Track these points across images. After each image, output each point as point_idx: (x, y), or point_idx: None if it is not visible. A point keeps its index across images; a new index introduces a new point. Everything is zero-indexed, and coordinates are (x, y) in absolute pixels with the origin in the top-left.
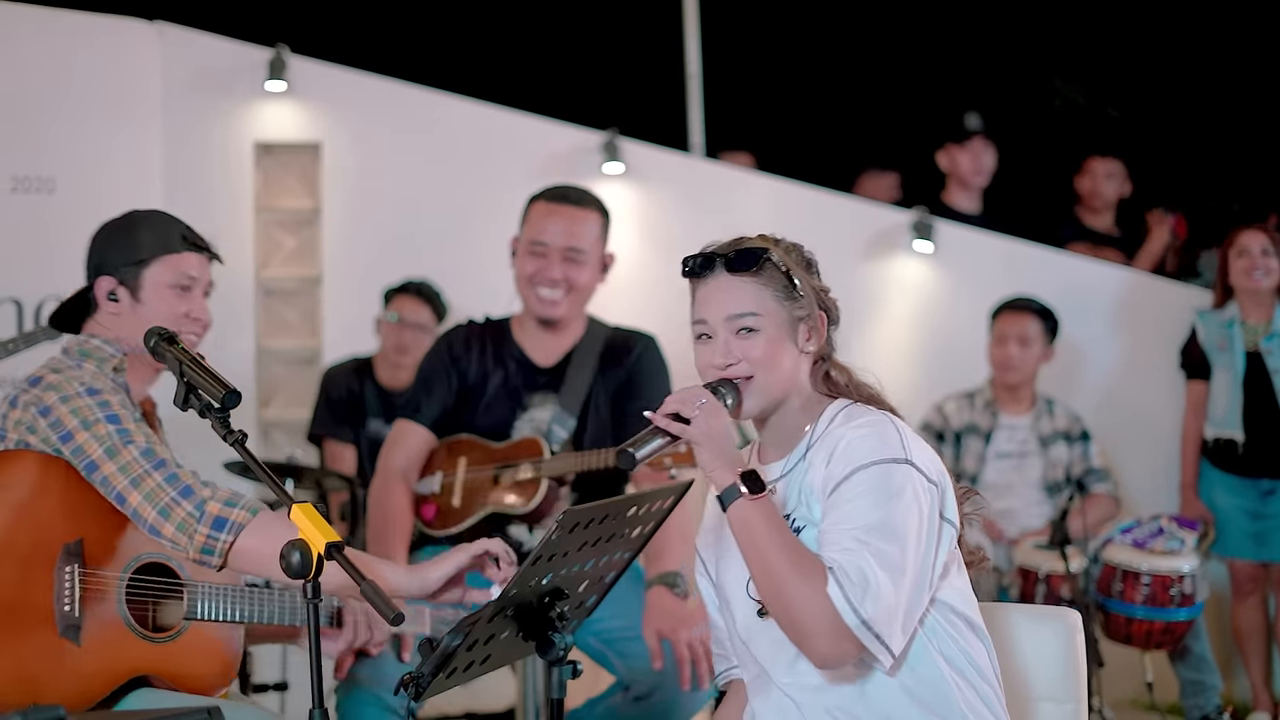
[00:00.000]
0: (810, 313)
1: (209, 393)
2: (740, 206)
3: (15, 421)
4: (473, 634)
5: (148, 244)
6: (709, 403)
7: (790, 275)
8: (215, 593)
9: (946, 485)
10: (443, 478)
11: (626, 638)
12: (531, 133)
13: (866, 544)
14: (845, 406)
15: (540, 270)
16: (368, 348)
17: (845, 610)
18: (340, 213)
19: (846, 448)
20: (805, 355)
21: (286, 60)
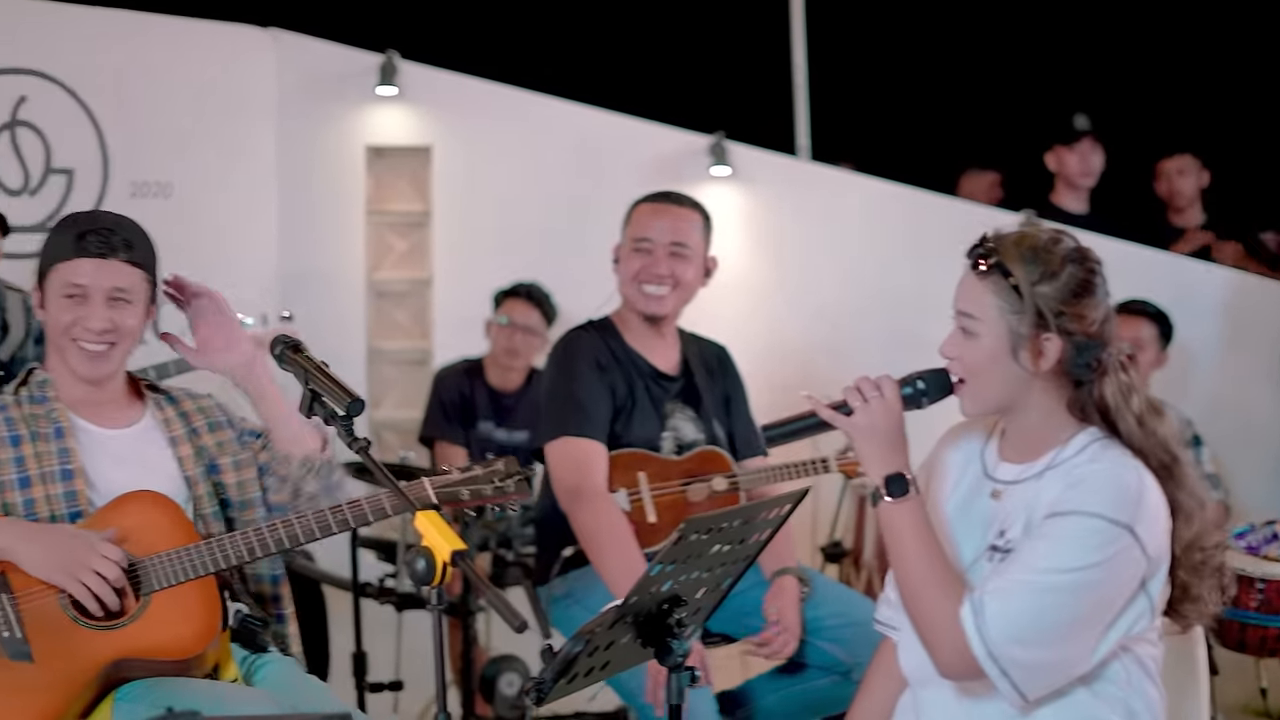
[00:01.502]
0: (1033, 334)
1: (334, 400)
2: (846, 209)
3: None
4: (593, 640)
5: (46, 253)
6: (883, 395)
7: (1018, 289)
8: (165, 560)
9: (1162, 559)
10: (628, 494)
11: (838, 625)
12: (639, 136)
13: (1037, 587)
14: (1100, 439)
15: (646, 266)
16: (478, 349)
17: (974, 639)
18: (450, 215)
19: (1083, 485)
20: (1035, 375)
21: (397, 65)
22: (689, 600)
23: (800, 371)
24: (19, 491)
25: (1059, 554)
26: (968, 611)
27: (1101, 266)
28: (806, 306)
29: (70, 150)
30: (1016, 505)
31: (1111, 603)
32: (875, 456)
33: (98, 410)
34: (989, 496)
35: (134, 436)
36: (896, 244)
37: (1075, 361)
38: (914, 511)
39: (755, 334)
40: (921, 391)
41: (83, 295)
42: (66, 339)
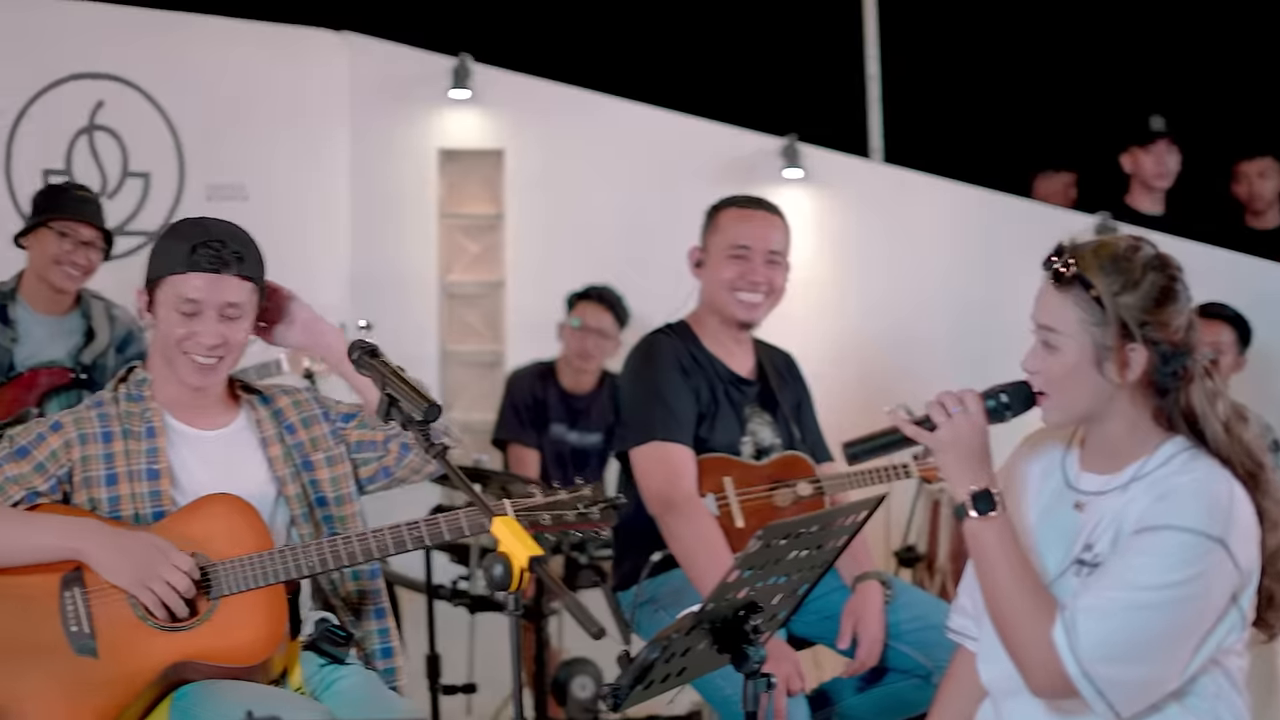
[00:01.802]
0: (1118, 345)
1: (411, 406)
2: (920, 211)
3: None
4: (670, 647)
5: (158, 261)
6: (966, 410)
7: (1100, 301)
8: (237, 566)
9: (1254, 571)
10: (716, 499)
11: (918, 629)
12: (711, 138)
13: (1131, 604)
14: (1187, 449)
15: (743, 274)
16: (550, 352)
17: (1067, 658)
18: (523, 218)
19: (1173, 498)
20: (1119, 387)
21: (470, 68)
22: (765, 606)
23: (872, 374)
24: (105, 488)
25: (1152, 570)
26: (1060, 631)
27: (1182, 272)
28: (878, 309)
29: (147, 154)
30: (1103, 517)
31: (1205, 617)
32: (961, 472)
33: (193, 411)
34: (1072, 508)
35: (226, 438)
36: (970, 247)
37: (1161, 370)
38: (1002, 528)
39: (826, 337)
40: (1005, 405)
41: (195, 310)
42: (177, 350)
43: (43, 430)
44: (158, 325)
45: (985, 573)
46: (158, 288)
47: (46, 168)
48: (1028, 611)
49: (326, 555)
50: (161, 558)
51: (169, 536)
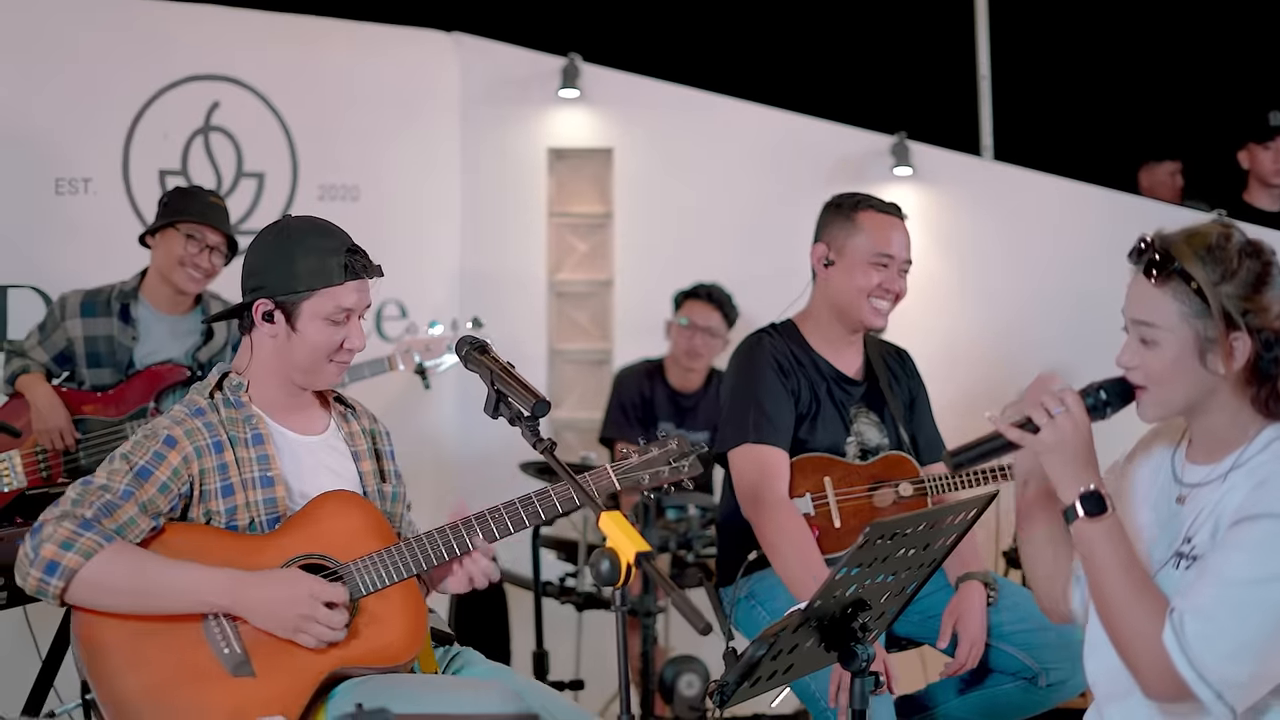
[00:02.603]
0: (1223, 335)
1: (519, 401)
2: (1030, 209)
3: None
4: (777, 644)
5: (306, 276)
6: (1068, 410)
7: (1202, 293)
8: (369, 565)
9: None
10: (813, 499)
11: (1028, 630)
12: (821, 136)
13: (1237, 600)
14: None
15: (884, 282)
16: (658, 350)
17: (1180, 661)
18: (631, 217)
19: (1268, 485)
20: (1222, 377)
21: (579, 68)
22: (873, 605)
23: (985, 372)
24: (222, 499)
25: (1254, 563)
26: (1170, 634)
27: (1276, 256)
28: (990, 307)
29: (261, 154)
30: (1203, 508)
31: None
32: (1067, 474)
33: (291, 416)
34: (1175, 501)
35: (323, 443)
36: (1082, 244)
37: (1265, 357)
38: (1112, 529)
39: (937, 335)
40: (1105, 402)
41: (348, 318)
42: (324, 359)
43: (158, 448)
44: (302, 338)
45: (1094, 575)
46: (307, 301)
47: (163, 168)
48: (1138, 615)
49: (451, 540)
50: (311, 601)
51: (295, 541)
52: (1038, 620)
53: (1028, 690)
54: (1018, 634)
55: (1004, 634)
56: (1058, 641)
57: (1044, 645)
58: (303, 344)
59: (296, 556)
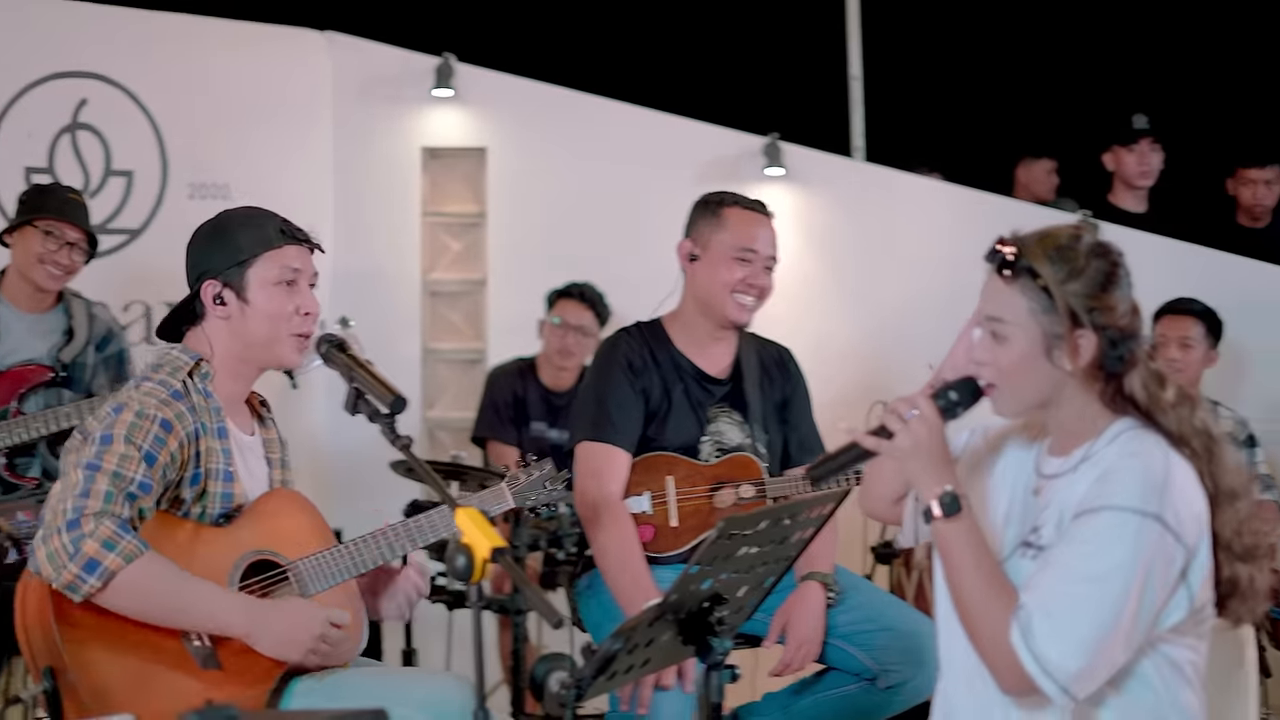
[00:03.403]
0: (1068, 332)
1: (377, 398)
2: (901, 210)
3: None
4: (633, 638)
5: (247, 243)
6: (921, 414)
7: (1049, 290)
8: (315, 564)
9: (1200, 545)
10: (652, 497)
11: (868, 630)
12: (694, 137)
13: (1078, 595)
14: (1130, 428)
15: (747, 277)
16: (532, 350)
17: (1026, 658)
18: (505, 217)
19: (1110, 478)
20: (1069, 373)
21: (453, 67)
22: (730, 599)
23: (854, 372)
24: (190, 488)
25: (1094, 556)
26: (1016, 633)
27: (1123, 258)
28: (861, 307)
29: (129, 152)
30: (1052, 500)
31: (1155, 596)
32: (924, 476)
33: (236, 413)
34: (1032, 493)
35: (256, 445)
36: (952, 244)
37: (1109, 355)
38: (968, 529)
39: (809, 334)
40: (956, 402)
41: (295, 281)
42: (283, 330)
43: (157, 431)
44: (253, 311)
45: (950, 572)
46: (249, 271)
47: (29, 166)
48: (990, 613)
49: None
50: (324, 624)
51: (247, 537)
52: (880, 622)
53: (869, 692)
54: (859, 634)
55: (844, 633)
56: (898, 643)
57: (884, 646)
58: (257, 314)
59: (249, 552)
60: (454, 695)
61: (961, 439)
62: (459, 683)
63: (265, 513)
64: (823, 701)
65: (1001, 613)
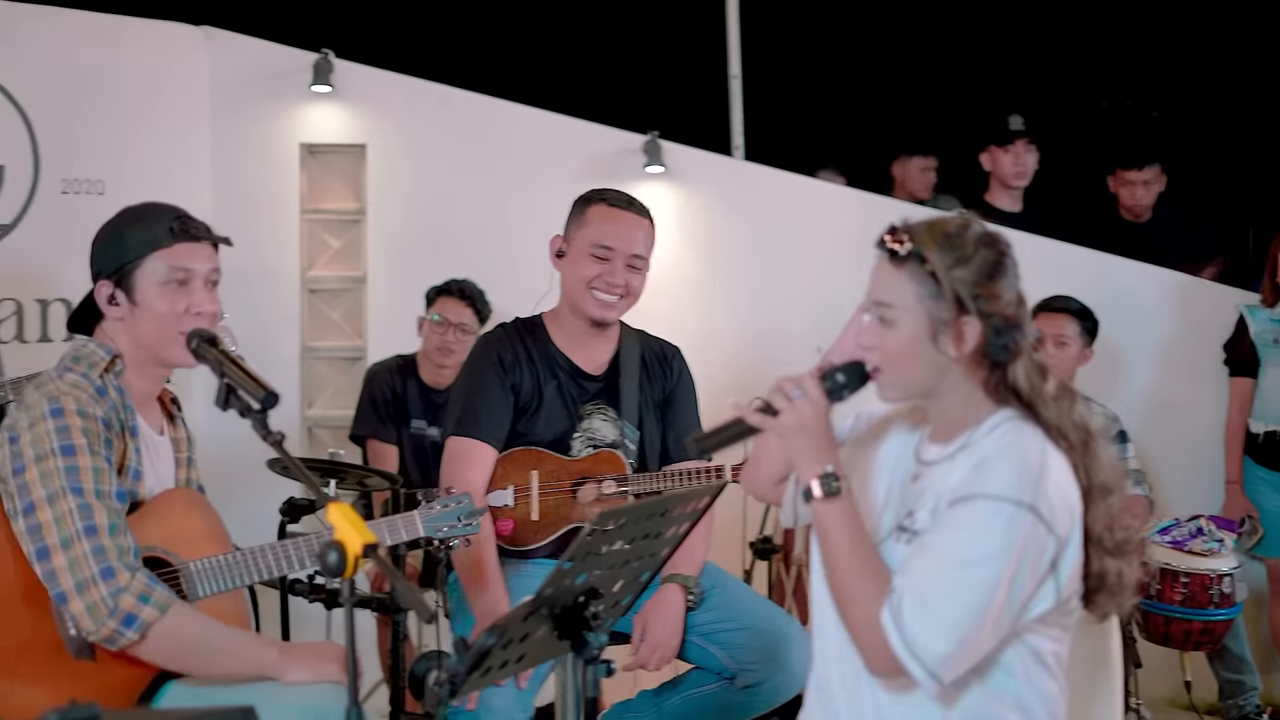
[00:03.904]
0: (953, 318)
1: (249, 393)
2: (780, 207)
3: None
4: (507, 632)
5: (134, 243)
6: (806, 393)
7: (936, 276)
8: (210, 567)
9: (1071, 537)
10: (515, 491)
11: (727, 630)
12: (574, 135)
13: (949, 580)
14: (1010, 419)
15: (603, 274)
16: (412, 348)
17: (895, 640)
18: (385, 214)
19: (985, 467)
20: (955, 360)
21: (331, 63)
22: (606, 593)
23: (735, 367)
24: (113, 483)
25: (967, 543)
26: (887, 615)
27: (1011, 249)
28: (740, 303)
29: (1, 147)
30: (930, 485)
31: (1025, 585)
32: (806, 455)
33: (147, 411)
34: (911, 480)
35: (165, 444)
36: (831, 242)
37: (993, 343)
38: (846, 510)
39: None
40: (842, 384)
41: (187, 280)
42: (174, 331)
43: (103, 432)
44: (143, 310)
45: (827, 552)
46: (139, 269)
47: None
48: (864, 594)
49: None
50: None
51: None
52: (739, 621)
53: (728, 691)
54: (718, 633)
55: (705, 632)
56: (755, 643)
57: (741, 645)
58: (147, 316)
59: (139, 548)
60: (330, 701)
61: (846, 423)
62: (335, 688)
63: (161, 512)
64: (689, 700)
65: (874, 594)
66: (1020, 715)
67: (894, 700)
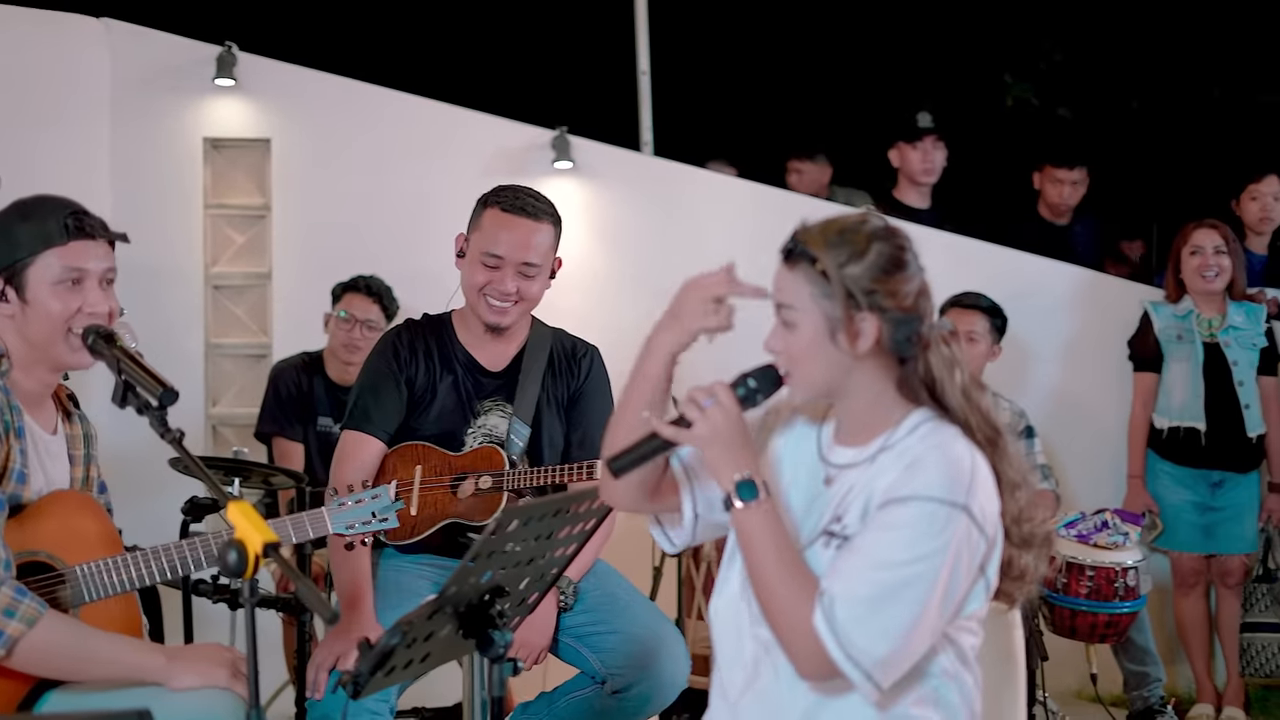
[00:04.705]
0: (846, 315)
1: (147, 390)
2: (690, 203)
3: None
4: (411, 632)
5: (26, 239)
6: (719, 402)
7: (826, 274)
8: (96, 571)
9: (997, 537)
10: (397, 486)
11: (599, 633)
12: (482, 130)
13: (885, 582)
14: (929, 419)
15: (492, 282)
16: (317, 345)
17: (830, 643)
18: (290, 209)
19: (917, 468)
20: (858, 358)
21: (236, 56)
22: (512, 591)
23: None
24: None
25: (900, 544)
26: (820, 617)
27: (910, 242)
28: (651, 299)
29: None
30: (853, 489)
31: (959, 585)
32: (722, 463)
33: (39, 410)
34: (823, 483)
35: (59, 443)
36: (739, 238)
37: (895, 338)
38: (767, 514)
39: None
40: (754, 390)
41: (81, 279)
42: (63, 330)
43: None
44: (34, 309)
45: (750, 558)
46: (30, 269)
47: None
48: (791, 597)
49: (175, 560)
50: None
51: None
52: (612, 625)
53: (599, 695)
54: (591, 636)
55: (579, 634)
56: (625, 648)
57: (612, 650)
58: (36, 315)
59: (22, 553)
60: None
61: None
62: (224, 694)
63: (48, 514)
64: (572, 703)
65: (803, 597)
66: (943, 712)
67: (824, 704)
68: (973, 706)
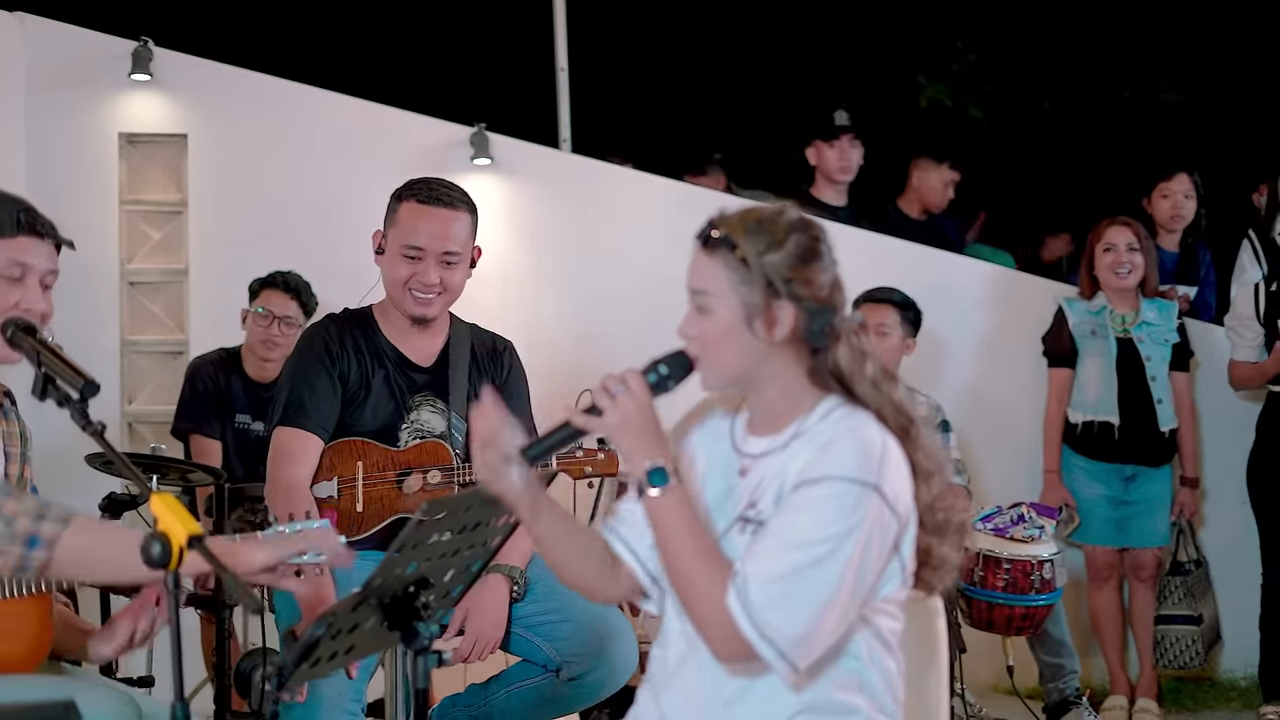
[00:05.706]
0: (765, 302)
1: (68, 383)
2: (608, 201)
3: None
4: (335, 623)
5: None
6: (629, 389)
7: (747, 261)
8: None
9: (910, 518)
10: (339, 482)
11: (551, 622)
12: (400, 127)
13: (798, 561)
14: (840, 405)
15: (415, 275)
16: (235, 341)
17: (743, 623)
18: (207, 205)
19: (829, 449)
20: (773, 346)
21: (152, 51)
22: (436, 583)
23: (563, 359)
24: None
25: (813, 524)
26: (733, 597)
27: (825, 234)
28: (568, 296)
29: None
30: (767, 476)
31: (872, 565)
32: (633, 451)
33: None
34: (737, 474)
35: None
36: (655, 233)
37: (810, 328)
38: (678, 500)
39: (517, 323)
40: (666, 376)
41: (22, 277)
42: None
43: None
44: None
45: (664, 544)
46: None
47: None
48: (704, 580)
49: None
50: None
51: None
52: (564, 613)
53: (552, 684)
54: (542, 625)
55: (529, 624)
56: (579, 635)
57: (565, 638)
58: None
59: None
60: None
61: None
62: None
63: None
64: (514, 694)
65: (717, 580)
66: (865, 696)
67: (747, 689)
68: (896, 692)
